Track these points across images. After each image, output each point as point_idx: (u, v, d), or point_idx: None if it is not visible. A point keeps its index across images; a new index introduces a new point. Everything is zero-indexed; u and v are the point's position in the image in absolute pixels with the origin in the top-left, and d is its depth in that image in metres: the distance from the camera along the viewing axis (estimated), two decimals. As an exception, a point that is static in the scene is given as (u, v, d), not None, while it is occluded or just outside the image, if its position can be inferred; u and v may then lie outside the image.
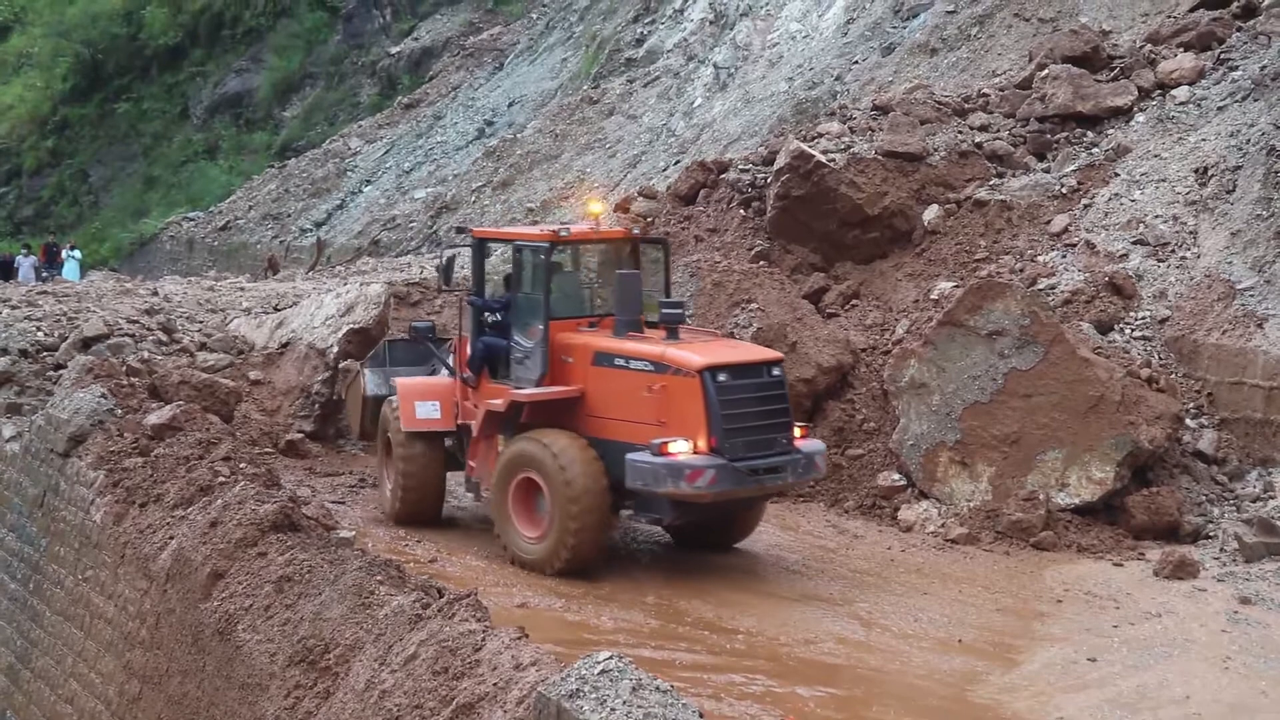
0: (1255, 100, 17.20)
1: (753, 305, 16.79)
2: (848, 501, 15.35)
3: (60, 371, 17.28)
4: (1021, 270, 16.64)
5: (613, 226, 16.94)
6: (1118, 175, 17.69)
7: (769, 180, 18.98)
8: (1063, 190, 17.89)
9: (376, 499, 15.45)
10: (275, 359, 18.88)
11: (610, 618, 11.80)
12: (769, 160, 19.51)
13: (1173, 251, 16.35)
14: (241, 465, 12.11)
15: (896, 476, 15.22)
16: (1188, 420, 14.71)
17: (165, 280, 28.00)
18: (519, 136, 39.77)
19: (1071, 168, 18.19)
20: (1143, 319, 15.75)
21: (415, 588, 8.98)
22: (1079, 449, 14.12)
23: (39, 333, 19.09)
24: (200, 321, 20.57)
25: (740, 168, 20.09)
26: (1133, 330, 15.66)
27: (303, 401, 18.26)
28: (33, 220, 54.26)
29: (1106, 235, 16.86)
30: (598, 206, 15.30)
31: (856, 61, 29.76)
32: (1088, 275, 16.25)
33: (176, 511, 11.51)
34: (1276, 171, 15.58)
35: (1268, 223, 15.34)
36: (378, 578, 9.11)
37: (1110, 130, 18.62)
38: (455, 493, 15.11)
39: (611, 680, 6.58)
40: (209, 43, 55.78)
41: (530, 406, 13.31)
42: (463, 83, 46.94)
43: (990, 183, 18.27)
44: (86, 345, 18.35)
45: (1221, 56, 18.69)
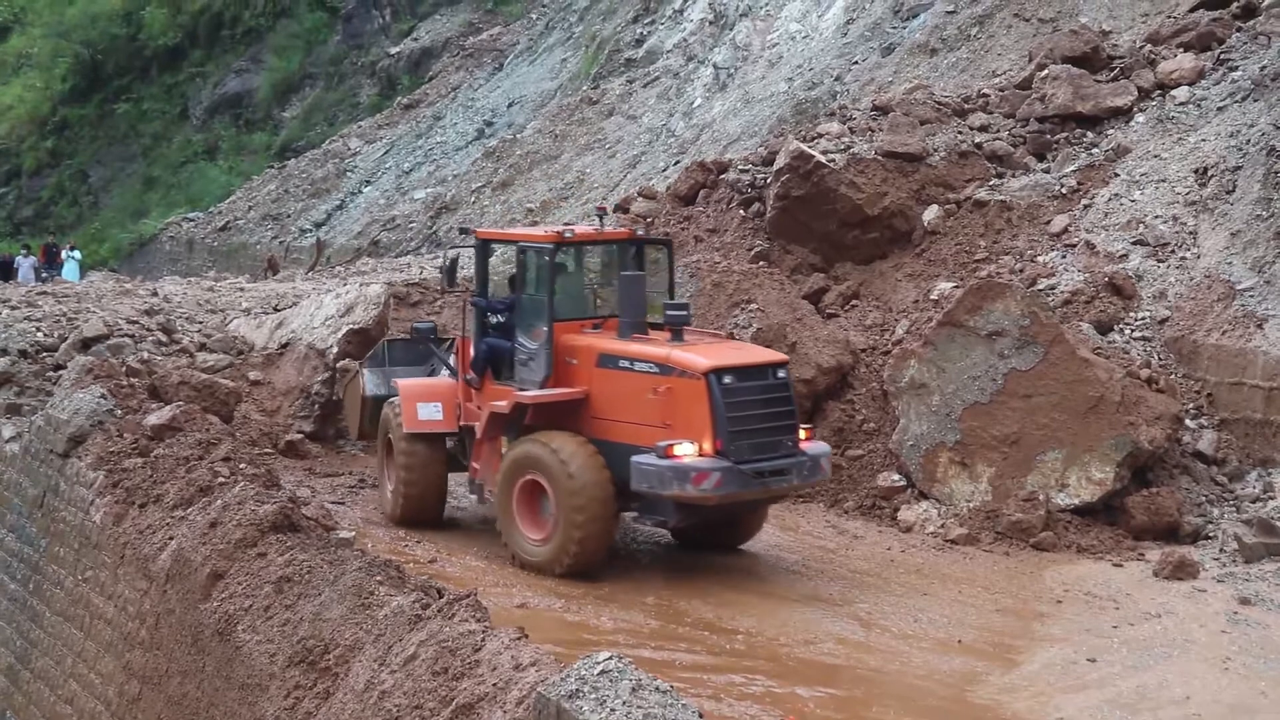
0: (1255, 100, 17.20)
1: (752, 306, 16.79)
2: (847, 502, 15.34)
3: (60, 372, 17.24)
4: (1021, 270, 16.64)
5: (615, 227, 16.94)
6: (1117, 175, 17.69)
7: (769, 180, 18.97)
8: (1062, 190, 17.88)
9: (377, 500, 15.44)
10: (275, 359, 18.87)
11: (610, 618, 11.79)
12: (769, 160, 19.51)
13: (1173, 252, 16.34)
14: (241, 466, 12.10)
15: (896, 477, 15.21)
16: (1187, 421, 14.71)
17: (165, 281, 27.94)
18: (519, 137, 39.75)
19: (1071, 168, 18.19)
20: (1142, 319, 15.75)
21: (415, 588, 8.97)
22: (1079, 449, 14.12)
23: (39, 333, 19.07)
24: (200, 322, 20.54)
25: (740, 168, 20.08)
26: (1132, 331, 15.65)
27: (302, 402, 18.25)
28: (32, 221, 54.21)
29: (1106, 235, 16.85)
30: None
31: (856, 62, 29.75)
32: (1087, 275, 16.25)
33: (176, 512, 11.51)
34: (1276, 172, 15.57)
35: (1268, 223, 15.34)
36: (377, 578, 9.10)
37: (1110, 130, 18.62)
38: (455, 493, 15.10)
39: (611, 681, 6.58)
40: (208, 43, 55.75)
41: (534, 408, 13.27)
42: (462, 83, 46.91)
43: (990, 183, 18.27)
44: (86, 346, 18.33)
45: (1221, 57, 18.69)
